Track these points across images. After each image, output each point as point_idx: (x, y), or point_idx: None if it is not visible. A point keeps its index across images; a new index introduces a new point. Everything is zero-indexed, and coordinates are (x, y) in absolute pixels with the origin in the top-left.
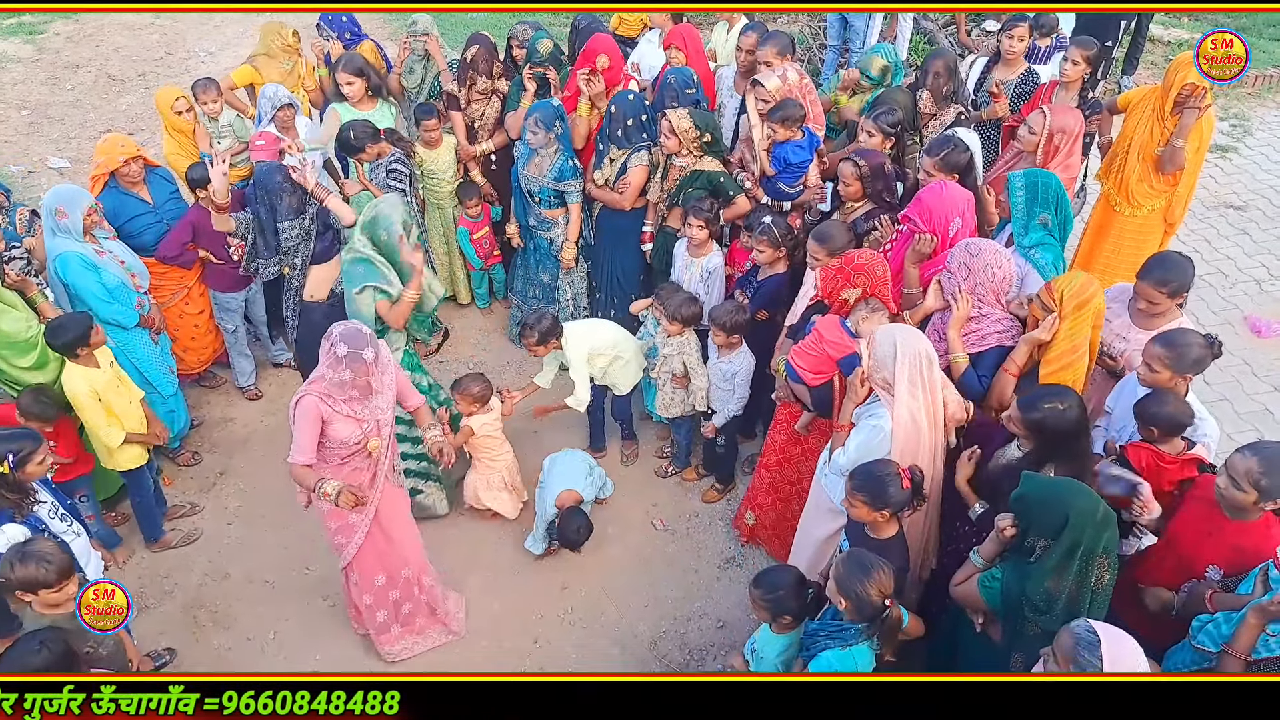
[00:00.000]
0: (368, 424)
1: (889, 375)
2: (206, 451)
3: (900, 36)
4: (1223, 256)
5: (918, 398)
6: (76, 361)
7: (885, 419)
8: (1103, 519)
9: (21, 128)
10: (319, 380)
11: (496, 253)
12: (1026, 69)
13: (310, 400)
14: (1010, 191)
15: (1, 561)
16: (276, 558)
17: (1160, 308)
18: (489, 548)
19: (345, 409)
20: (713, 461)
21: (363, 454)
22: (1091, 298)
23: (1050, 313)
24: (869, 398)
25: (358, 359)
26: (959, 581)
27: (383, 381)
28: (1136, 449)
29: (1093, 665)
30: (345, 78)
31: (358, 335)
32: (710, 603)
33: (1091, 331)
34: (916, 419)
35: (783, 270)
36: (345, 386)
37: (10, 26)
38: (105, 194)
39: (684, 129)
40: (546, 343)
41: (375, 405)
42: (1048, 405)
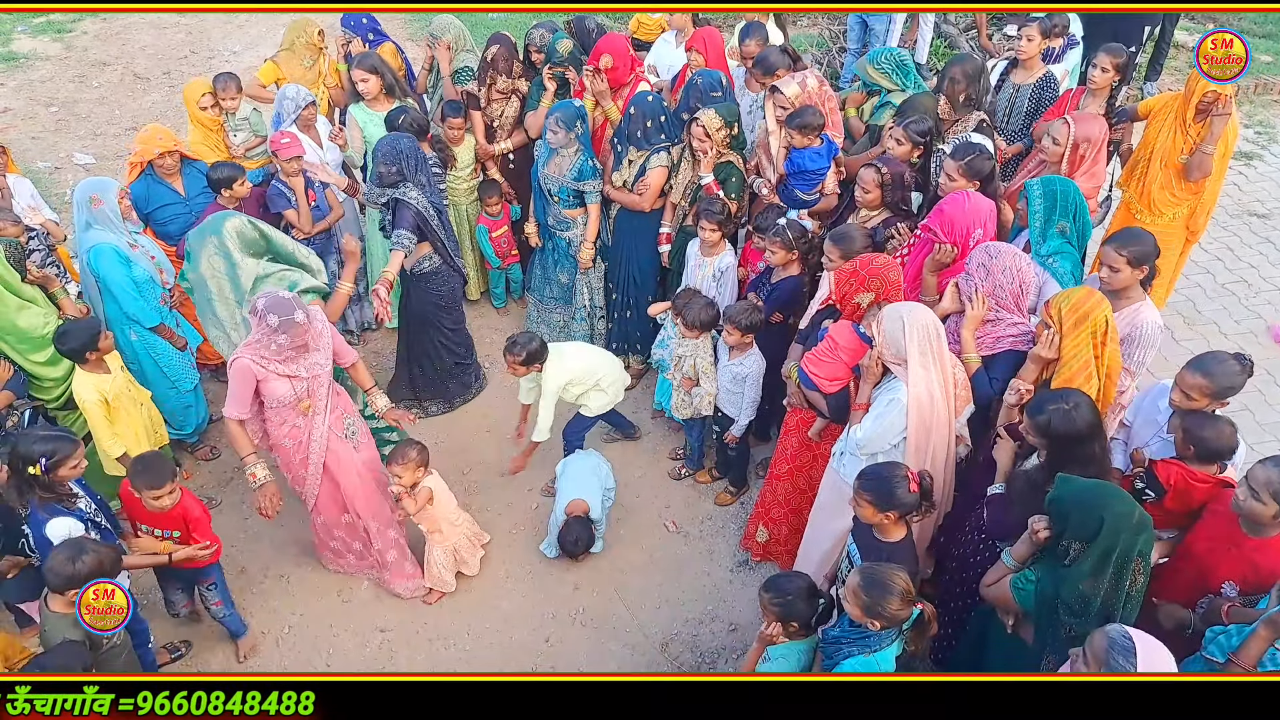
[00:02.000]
0: (301, 382)
1: (900, 349)
2: (224, 446)
3: (921, 40)
4: (1246, 265)
5: (929, 369)
6: (85, 367)
7: (902, 391)
8: (1139, 522)
9: (49, 124)
10: (252, 344)
11: (514, 252)
12: (1045, 72)
13: (242, 362)
14: (1029, 199)
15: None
16: (292, 553)
17: (1120, 277)
18: (500, 547)
19: (279, 368)
20: (726, 464)
21: (297, 413)
22: (1090, 311)
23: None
24: (884, 377)
25: (291, 324)
26: (990, 582)
27: (319, 341)
28: (1168, 465)
29: (1125, 670)
30: (360, 74)
31: (283, 303)
32: (722, 606)
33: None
34: (932, 393)
35: (797, 272)
36: (281, 349)
37: (40, 25)
38: (138, 181)
39: (716, 129)
40: (530, 365)
41: (311, 362)
42: (1053, 406)
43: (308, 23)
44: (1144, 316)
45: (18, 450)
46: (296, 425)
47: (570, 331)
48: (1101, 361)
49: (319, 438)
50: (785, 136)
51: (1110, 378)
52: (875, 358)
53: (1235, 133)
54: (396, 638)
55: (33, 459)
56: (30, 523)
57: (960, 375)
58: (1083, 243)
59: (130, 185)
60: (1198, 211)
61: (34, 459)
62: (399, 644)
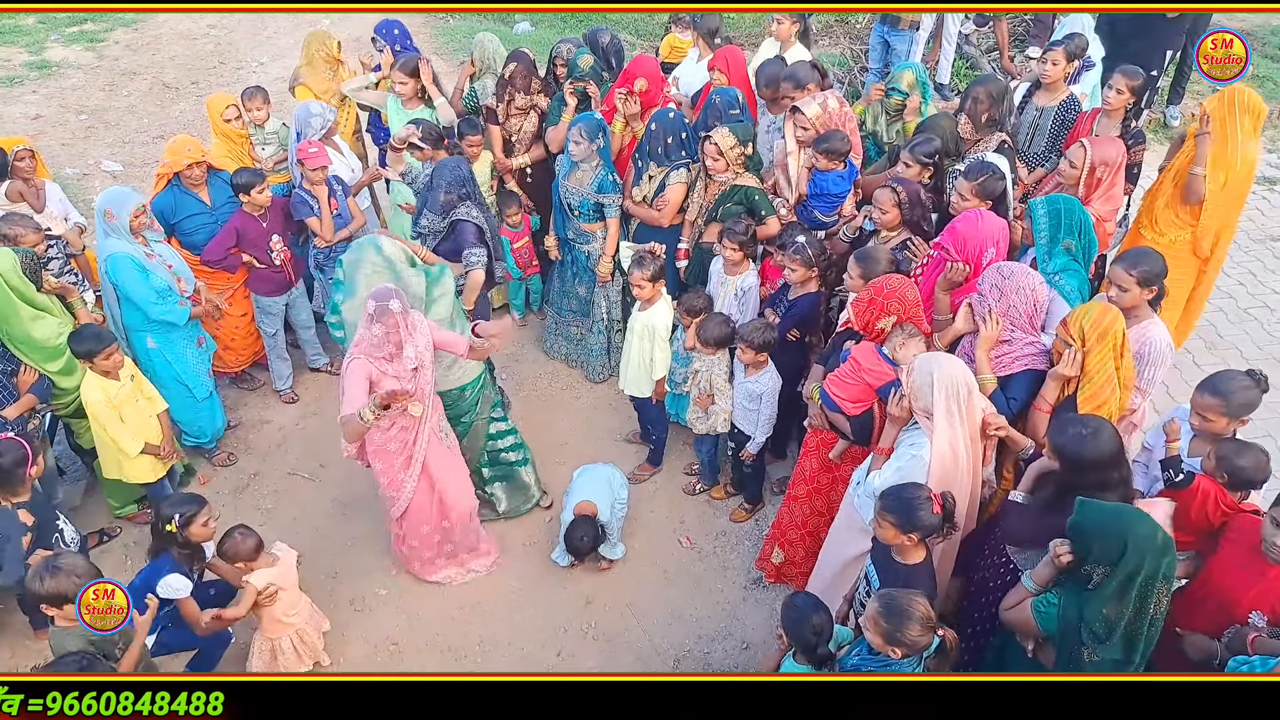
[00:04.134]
0: (409, 379)
1: (927, 404)
2: (242, 453)
3: (944, 60)
4: (1268, 290)
5: (956, 427)
6: (94, 369)
7: (924, 448)
8: (1162, 545)
9: (79, 132)
10: (360, 342)
11: (535, 263)
12: (1068, 94)
13: (356, 362)
14: (1033, 218)
15: (29, 575)
16: (308, 561)
17: (1129, 296)
18: (514, 559)
19: (389, 368)
20: (741, 481)
21: (405, 416)
22: (1111, 326)
23: (1070, 347)
24: (909, 422)
25: (385, 311)
26: (1010, 605)
27: (416, 341)
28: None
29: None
30: (400, 77)
31: (384, 290)
32: (735, 623)
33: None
34: (955, 449)
35: (814, 290)
36: (381, 343)
37: (73, 35)
38: (165, 192)
39: (729, 147)
40: (656, 282)
41: (408, 356)
42: (1073, 430)
43: (326, 36)
44: (1152, 334)
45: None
46: (405, 426)
47: (587, 344)
48: (1120, 374)
49: (423, 440)
50: (808, 158)
51: (1125, 388)
52: (903, 404)
53: (1252, 158)
54: (407, 649)
55: (169, 519)
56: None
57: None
58: (1088, 260)
59: (156, 196)
60: (1200, 237)
61: (169, 519)
62: (409, 655)
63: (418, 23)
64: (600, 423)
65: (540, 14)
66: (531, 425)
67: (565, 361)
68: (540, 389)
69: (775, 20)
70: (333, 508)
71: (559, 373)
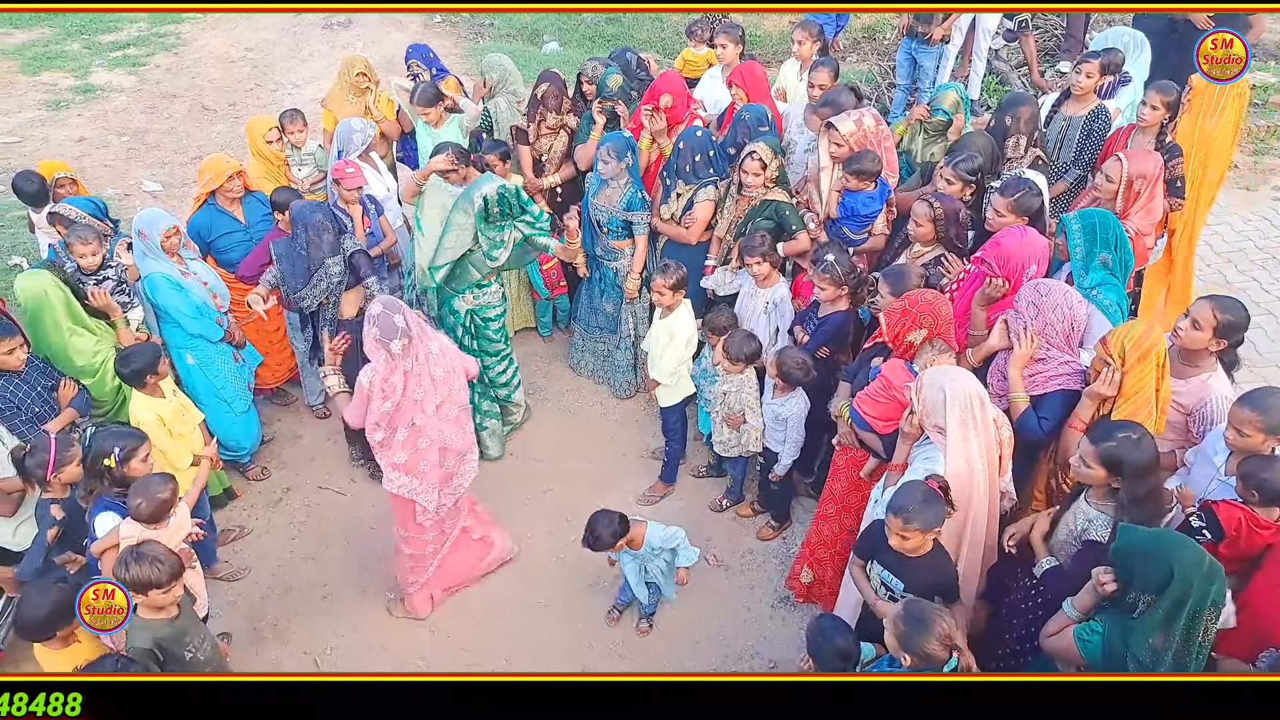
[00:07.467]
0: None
1: (940, 421)
2: (275, 468)
3: (974, 75)
4: (1274, 298)
5: (970, 440)
6: (144, 390)
7: (938, 462)
8: (1210, 570)
9: (121, 153)
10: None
11: (563, 283)
12: (1097, 105)
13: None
14: (1067, 234)
15: (116, 562)
16: (338, 575)
17: (1198, 337)
18: (540, 574)
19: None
20: (769, 499)
21: None
22: (1153, 345)
23: (1109, 366)
24: (922, 437)
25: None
26: (1051, 633)
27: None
28: (1231, 507)
29: None
30: (421, 109)
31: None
32: (762, 642)
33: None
34: (971, 463)
35: (845, 308)
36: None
37: (115, 59)
38: (200, 212)
39: (769, 158)
40: (679, 290)
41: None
42: (1122, 435)
43: (351, 63)
44: (1214, 389)
45: (95, 446)
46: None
47: (614, 360)
48: (1160, 395)
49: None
50: (840, 179)
51: (1163, 410)
52: (915, 421)
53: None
54: (434, 662)
55: (107, 453)
56: (90, 515)
57: (1007, 434)
58: (1125, 273)
59: (193, 216)
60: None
61: (108, 452)
62: (435, 668)
63: (447, 44)
64: (626, 438)
65: (569, 34)
66: (557, 440)
67: (592, 377)
68: (567, 404)
69: (797, 41)
70: (363, 523)
71: (585, 388)
